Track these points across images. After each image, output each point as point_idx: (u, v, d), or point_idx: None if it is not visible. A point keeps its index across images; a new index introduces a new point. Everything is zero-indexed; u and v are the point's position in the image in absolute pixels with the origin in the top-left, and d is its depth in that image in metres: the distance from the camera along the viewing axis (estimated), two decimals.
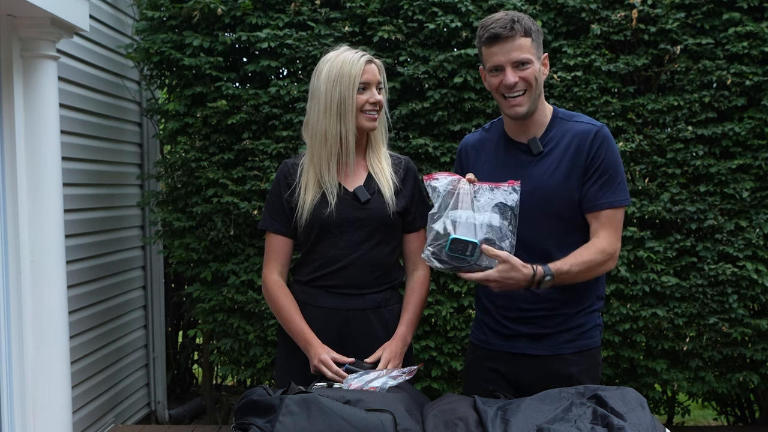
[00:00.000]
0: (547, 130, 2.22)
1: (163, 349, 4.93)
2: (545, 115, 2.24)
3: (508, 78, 2.13)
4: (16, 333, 3.17)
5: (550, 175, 2.17)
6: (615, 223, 2.17)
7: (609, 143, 2.18)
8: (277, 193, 2.38)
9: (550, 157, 2.19)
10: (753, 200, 3.74)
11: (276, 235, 2.38)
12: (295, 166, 2.38)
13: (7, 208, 3.15)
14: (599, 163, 2.15)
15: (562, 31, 3.82)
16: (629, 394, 1.87)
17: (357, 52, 2.30)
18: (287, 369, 2.39)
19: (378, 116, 2.32)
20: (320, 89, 2.29)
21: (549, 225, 2.17)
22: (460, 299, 3.81)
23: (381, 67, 2.34)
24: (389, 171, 2.36)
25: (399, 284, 2.43)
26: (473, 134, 2.42)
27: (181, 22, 3.87)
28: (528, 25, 2.14)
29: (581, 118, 2.25)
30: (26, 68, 3.17)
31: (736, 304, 3.72)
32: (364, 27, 3.84)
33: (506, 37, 2.11)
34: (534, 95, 2.16)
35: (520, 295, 2.19)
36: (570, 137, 2.19)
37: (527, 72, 2.13)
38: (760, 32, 3.66)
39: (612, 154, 2.18)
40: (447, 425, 1.80)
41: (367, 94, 2.28)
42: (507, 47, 2.12)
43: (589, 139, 2.16)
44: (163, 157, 4.24)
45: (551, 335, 2.21)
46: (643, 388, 3.86)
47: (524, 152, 2.22)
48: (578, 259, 2.10)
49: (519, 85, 2.14)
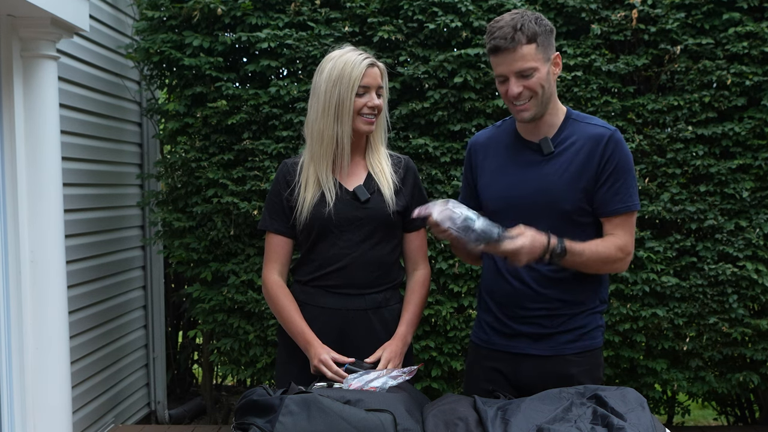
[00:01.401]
0: (559, 131, 2.21)
1: (163, 349, 4.93)
2: (557, 116, 2.22)
3: (512, 89, 2.12)
4: (16, 333, 3.17)
5: (559, 176, 2.16)
6: (630, 227, 2.18)
7: (622, 147, 2.17)
8: (276, 192, 2.38)
9: (560, 158, 2.18)
10: (753, 200, 3.74)
11: (276, 235, 2.38)
12: (295, 165, 2.38)
13: (7, 208, 3.15)
14: (613, 168, 2.14)
15: (562, 31, 3.82)
16: (629, 394, 1.88)
17: (361, 54, 2.29)
18: (287, 369, 2.39)
19: (376, 120, 2.32)
20: (320, 88, 2.30)
21: (554, 225, 2.17)
22: (460, 299, 3.81)
23: (383, 71, 2.33)
24: (389, 171, 2.36)
25: (399, 284, 2.43)
26: (484, 131, 2.42)
27: (181, 22, 3.87)
28: (533, 30, 2.08)
29: (594, 121, 2.23)
30: (26, 68, 3.17)
31: (736, 304, 3.72)
32: (364, 27, 3.84)
33: (507, 48, 2.08)
34: (542, 100, 2.14)
35: (523, 294, 2.20)
36: (583, 140, 2.17)
37: (531, 81, 2.11)
38: (760, 32, 3.66)
39: (625, 159, 2.17)
40: (447, 425, 1.81)
41: (365, 97, 2.27)
42: (509, 58, 2.09)
43: (602, 143, 2.15)
44: (163, 157, 4.24)
45: (553, 335, 2.21)
46: (643, 388, 3.86)
47: (535, 151, 2.21)
48: (593, 248, 2.12)
49: (524, 93, 2.12)
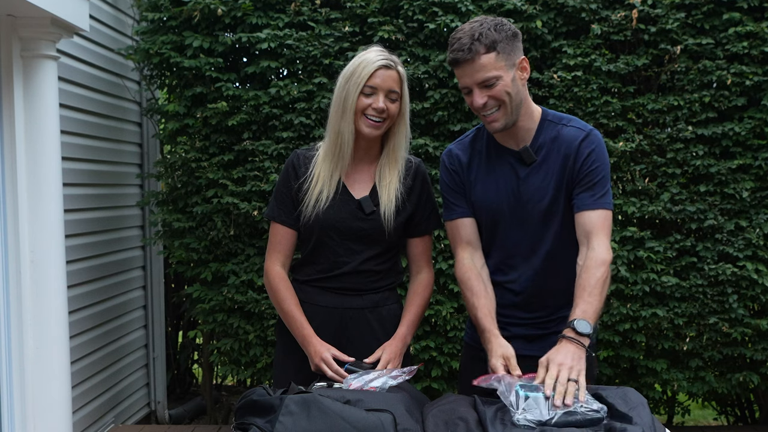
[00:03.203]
0: (536, 136, 2.18)
1: (163, 349, 4.94)
2: (532, 119, 2.18)
3: (476, 100, 2.07)
4: (16, 333, 3.17)
5: (547, 184, 2.15)
6: (607, 228, 2.13)
7: (598, 147, 2.13)
8: (285, 182, 2.35)
9: (544, 165, 2.15)
10: (753, 200, 3.74)
11: (281, 225, 2.36)
12: (307, 157, 2.35)
13: (7, 208, 3.15)
14: (589, 169, 2.11)
15: (562, 31, 3.82)
16: (630, 393, 1.88)
17: (379, 54, 2.23)
18: (285, 366, 2.38)
19: (382, 125, 2.24)
20: (339, 82, 2.27)
21: (552, 229, 2.17)
22: (460, 299, 3.81)
23: (403, 76, 2.25)
24: (396, 185, 2.30)
25: (397, 285, 2.43)
26: (454, 146, 2.32)
27: (181, 22, 3.87)
28: (491, 38, 2.02)
29: (571, 122, 2.18)
30: (26, 68, 3.16)
31: (736, 304, 3.72)
32: (364, 27, 3.84)
33: (465, 60, 2.04)
34: (510, 108, 2.09)
35: (517, 299, 2.22)
36: (560, 142, 2.15)
37: (495, 90, 2.06)
38: (760, 32, 3.66)
39: (601, 159, 2.13)
40: (447, 425, 1.80)
41: (372, 98, 2.21)
42: (469, 69, 2.05)
43: (576, 143, 2.12)
44: (163, 157, 4.24)
45: (547, 336, 2.21)
46: (643, 388, 3.87)
47: (517, 161, 2.18)
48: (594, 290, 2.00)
49: (489, 103, 2.07)
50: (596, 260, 2.05)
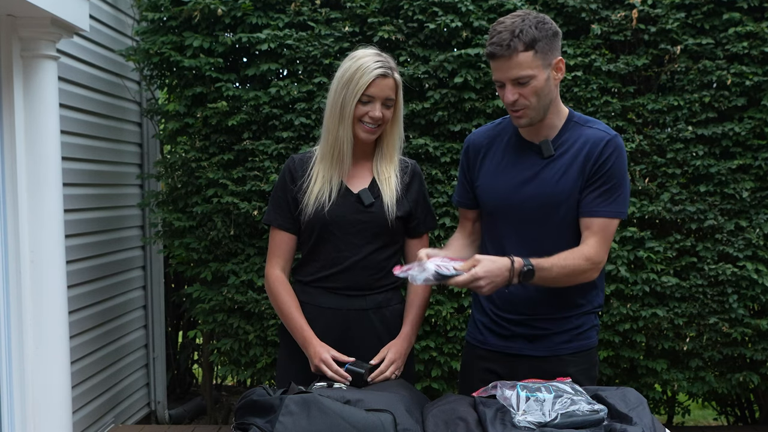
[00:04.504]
0: (560, 134, 2.19)
1: (163, 349, 4.94)
2: (559, 118, 2.20)
3: (507, 96, 2.09)
4: (16, 333, 3.17)
5: (558, 179, 2.15)
6: (606, 234, 2.13)
7: (619, 153, 2.14)
8: (282, 187, 2.37)
9: (560, 161, 2.16)
10: (753, 200, 3.74)
11: (280, 230, 2.37)
12: (303, 160, 2.37)
13: (7, 208, 3.15)
14: (604, 171, 2.12)
15: (563, 31, 3.80)
16: (629, 394, 1.88)
17: (377, 61, 2.23)
18: (288, 369, 2.38)
19: (378, 130, 2.28)
20: (333, 86, 2.28)
21: (553, 228, 2.17)
22: (460, 299, 3.81)
23: (399, 84, 2.28)
24: (395, 180, 2.34)
25: (400, 285, 2.43)
26: (482, 130, 2.37)
27: (181, 22, 3.87)
28: (532, 36, 2.03)
29: (596, 125, 2.20)
30: (26, 68, 3.16)
31: (736, 304, 3.72)
32: (364, 27, 3.84)
33: (503, 56, 2.05)
34: (538, 107, 2.10)
35: (519, 298, 2.20)
36: (582, 143, 2.15)
37: (527, 89, 2.07)
38: (760, 32, 3.66)
39: (619, 165, 2.14)
40: (447, 425, 1.81)
41: (369, 106, 2.24)
42: (505, 65, 2.06)
43: (600, 146, 2.13)
44: (163, 157, 4.24)
45: (549, 336, 2.21)
46: (643, 388, 3.87)
47: (535, 153, 2.19)
48: (561, 262, 2.07)
49: (519, 101, 2.09)
50: (582, 253, 2.09)
